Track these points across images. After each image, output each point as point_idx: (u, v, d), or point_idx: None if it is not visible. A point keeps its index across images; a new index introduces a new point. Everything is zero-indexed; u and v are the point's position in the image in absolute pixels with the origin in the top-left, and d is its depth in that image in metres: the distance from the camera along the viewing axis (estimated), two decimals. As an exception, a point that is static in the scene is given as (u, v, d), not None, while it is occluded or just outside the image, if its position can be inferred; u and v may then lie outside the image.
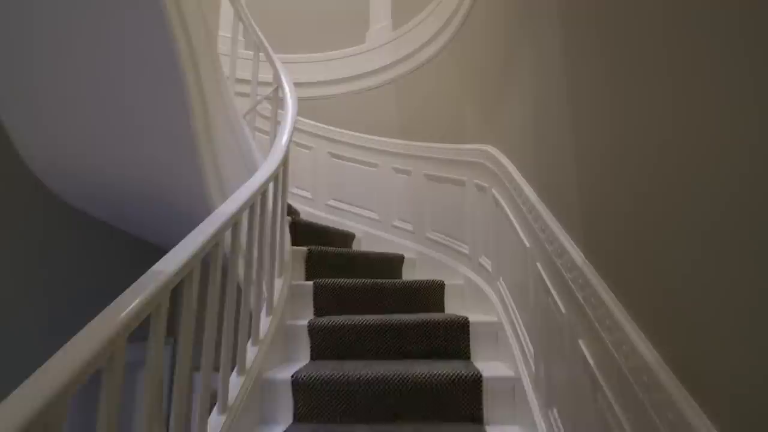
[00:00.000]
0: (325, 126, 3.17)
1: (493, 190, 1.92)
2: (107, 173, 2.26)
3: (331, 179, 3.11)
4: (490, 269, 1.95)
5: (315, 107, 3.23)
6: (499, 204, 1.83)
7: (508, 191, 1.74)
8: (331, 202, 3.10)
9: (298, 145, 3.21)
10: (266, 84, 2.83)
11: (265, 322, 1.70)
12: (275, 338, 1.73)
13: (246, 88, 2.95)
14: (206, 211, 2.09)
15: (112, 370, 0.78)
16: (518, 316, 1.61)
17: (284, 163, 1.98)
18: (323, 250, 2.23)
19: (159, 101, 1.90)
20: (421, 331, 1.78)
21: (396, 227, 2.82)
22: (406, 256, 2.60)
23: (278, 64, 2.28)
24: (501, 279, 1.80)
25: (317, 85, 3.24)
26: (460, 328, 1.78)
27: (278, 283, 1.88)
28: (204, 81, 1.96)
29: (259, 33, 2.31)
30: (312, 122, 3.20)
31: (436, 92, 2.64)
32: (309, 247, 2.21)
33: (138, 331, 0.95)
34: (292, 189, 3.18)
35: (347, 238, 2.78)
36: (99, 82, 1.77)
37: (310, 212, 3.10)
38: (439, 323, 1.78)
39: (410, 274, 2.59)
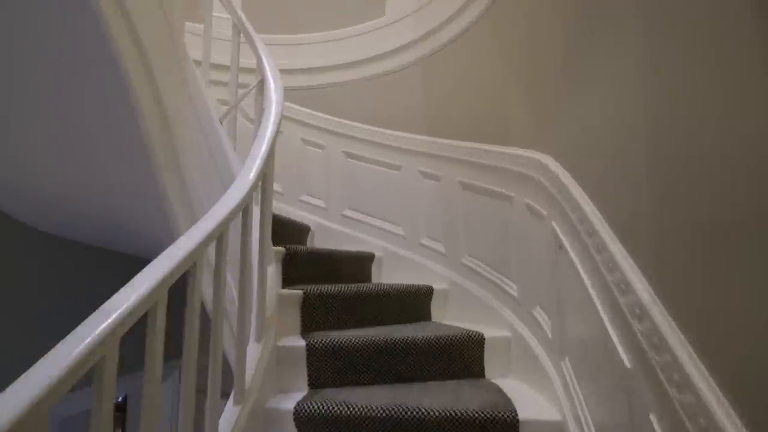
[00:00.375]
0: (339, 120, 2.63)
1: (554, 224, 1.33)
2: (50, 184, 1.86)
3: (346, 184, 2.59)
4: (548, 332, 1.38)
5: (327, 97, 2.70)
6: (563, 248, 1.25)
7: (577, 233, 1.16)
8: (348, 213, 2.58)
9: (307, 143, 2.70)
10: (252, 71, 2.30)
11: (230, 414, 1.23)
12: (247, 434, 1.26)
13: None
14: (167, 227, 1.67)
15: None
16: (592, 425, 1.05)
17: (265, 175, 1.48)
18: (324, 292, 1.73)
19: (101, 103, 1.50)
20: (452, 428, 1.25)
21: (424, 246, 2.28)
22: (435, 287, 2.06)
23: (260, 45, 1.75)
24: (567, 359, 1.23)
25: (329, 70, 2.69)
26: (508, 428, 1.23)
27: (255, 350, 1.40)
28: (161, 81, 1.56)
29: (236, 7, 1.78)
30: (324, 116, 2.67)
31: (471, 75, 2.03)
32: (305, 289, 1.71)
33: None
34: (303, 197, 2.68)
35: (364, 262, 2.27)
36: (33, 85, 1.42)
37: (323, 225, 2.60)
38: (476, 420, 1.24)
39: (440, 311, 2.06)
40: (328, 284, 2.00)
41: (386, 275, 2.37)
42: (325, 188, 2.64)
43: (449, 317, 2.06)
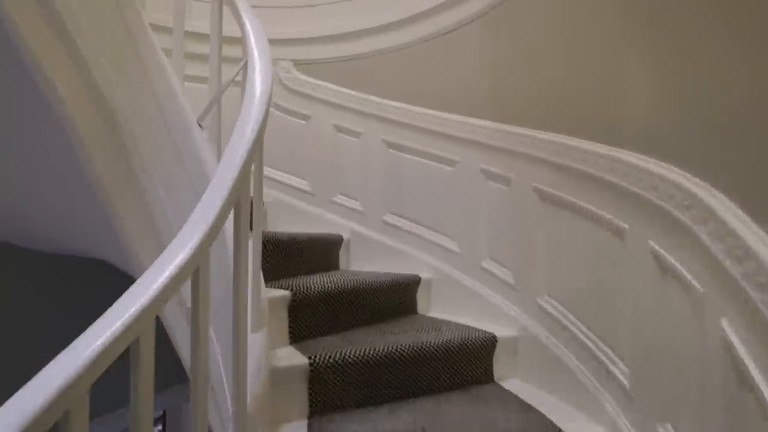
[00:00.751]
0: (379, 100, 2.07)
1: (726, 324, 0.72)
2: None
3: (388, 182, 2.06)
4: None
5: (363, 70, 2.13)
6: (751, 385, 0.65)
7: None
8: (389, 219, 2.06)
9: (341, 131, 2.17)
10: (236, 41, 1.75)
11: None
12: None
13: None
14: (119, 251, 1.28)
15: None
16: None
17: (238, 205, 1.01)
18: (340, 360, 1.25)
19: (17, 108, 1.06)
20: None
21: (485, 271, 1.71)
22: (500, 334, 1.51)
23: (244, 8, 1.22)
24: None
25: (365, 35, 2.11)
26: None
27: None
28: (103, 79, 1.09)
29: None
30: (361, 95, 2.11)
31: (559, 36, 1.38)
32: (313, 357, 1.24)
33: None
34: (337, 198, 2.19)
35: (405, 291, 1.76)
36: None
37: (360, 233, 2.10)
38: None
39: (505, 368, 1.51)
40: (353, 331, 1.52)
41: (437, 305, 1.85)
42: (363, 187, 2.13)
43: (519, 379, 1.51)
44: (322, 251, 1.87)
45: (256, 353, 1.09)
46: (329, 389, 1.24)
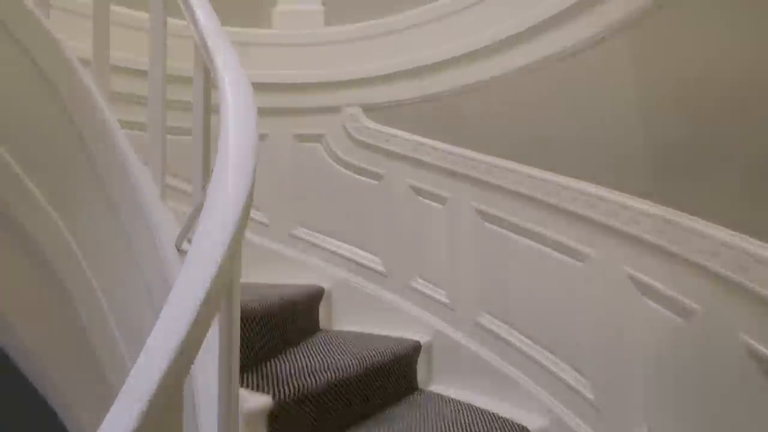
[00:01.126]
0: (469, 153, 1.49)
1: None
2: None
3: (484, 269, 1.46)
4: None
5: (449, 113, 1.57)
6: None
7: None
8: (485, 320, 1.46)
9: (420, 193, 1.62)
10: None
11: None
12: None
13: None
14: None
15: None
16: None
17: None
18: None
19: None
20: None
21: (641, 447, 1.04)
22: None
23: (220, 47, 0.75)
24: None
25: (451, 65, 1.54)
26: None
27: None
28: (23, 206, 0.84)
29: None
30: (446, 147, 1.55)
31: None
32: None
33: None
34: (416, 282, 1.63)
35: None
36: None
37: (445, 335, 1.54)
38: None
39: None
40: None
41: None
42: (450, 271, 1.56)
43: None
44: (385, 378, 1.35)
45: None
46: None
